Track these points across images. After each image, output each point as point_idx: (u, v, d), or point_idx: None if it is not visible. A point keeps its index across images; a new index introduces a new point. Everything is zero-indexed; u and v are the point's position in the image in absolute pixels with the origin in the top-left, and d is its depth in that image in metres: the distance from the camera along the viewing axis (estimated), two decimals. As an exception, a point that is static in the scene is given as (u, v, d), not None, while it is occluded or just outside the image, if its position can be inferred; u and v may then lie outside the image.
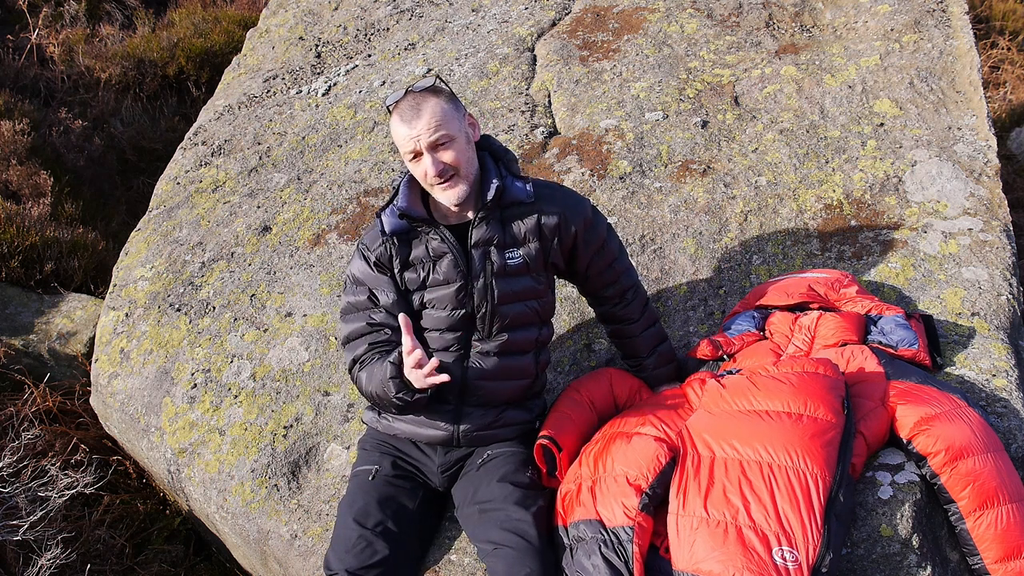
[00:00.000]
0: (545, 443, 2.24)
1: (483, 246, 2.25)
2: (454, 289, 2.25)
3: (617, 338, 2.58)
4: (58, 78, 5.96)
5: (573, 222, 2.31)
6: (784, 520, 1.84)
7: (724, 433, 2.03)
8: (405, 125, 2.14)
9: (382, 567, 2.14)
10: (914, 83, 3.46)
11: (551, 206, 2.29)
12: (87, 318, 3.94)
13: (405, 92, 2.18)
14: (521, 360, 2.35)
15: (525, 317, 2.32)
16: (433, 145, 2.14)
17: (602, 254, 2.40)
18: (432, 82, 2.20)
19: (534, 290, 2.31)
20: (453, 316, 2.27)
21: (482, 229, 2.24)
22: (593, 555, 1.95)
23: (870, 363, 2.31)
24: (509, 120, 3.64)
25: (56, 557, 2.81)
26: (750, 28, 3.96)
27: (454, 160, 2.16)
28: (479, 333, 2.30)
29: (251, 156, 3.85)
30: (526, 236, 2.28)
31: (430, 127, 2.13)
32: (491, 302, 2.26)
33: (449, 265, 2.25)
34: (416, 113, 2.13)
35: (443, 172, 2.15)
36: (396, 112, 2.18)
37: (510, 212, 2.27)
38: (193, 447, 2.79)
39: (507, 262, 2.26)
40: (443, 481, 2.38)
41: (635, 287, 2.51)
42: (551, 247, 2.31)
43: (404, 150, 2.17)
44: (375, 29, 4.57)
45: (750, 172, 3.25)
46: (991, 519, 2.00)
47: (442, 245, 2.25)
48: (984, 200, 3.00)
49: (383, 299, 2.30)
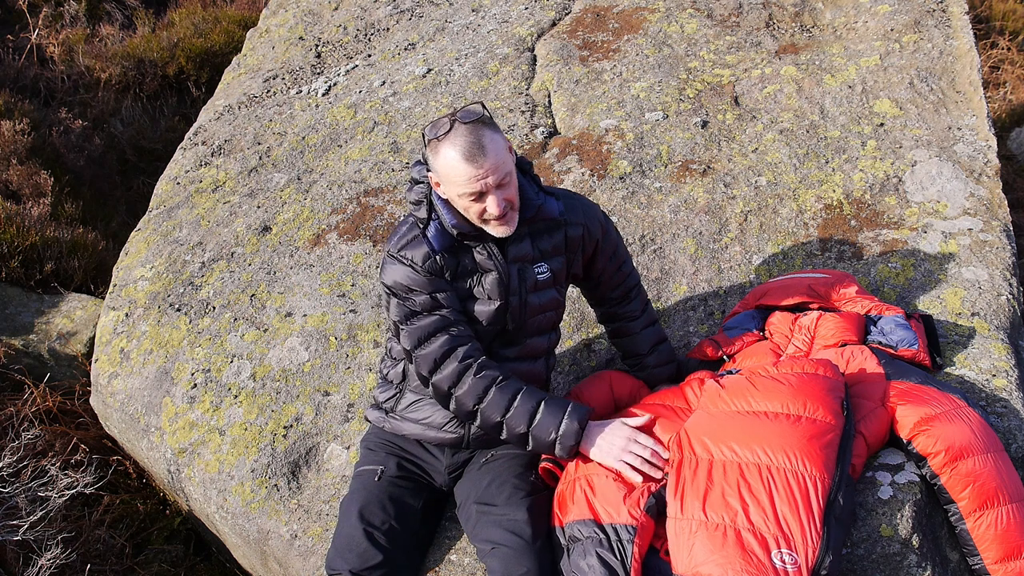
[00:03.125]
0: (549, 467, 2.25)
1: (519, 263, 2.24)
2: (496, 307, 2.23)
3: (618, 336, 2.58)
4: (58, 78, 5.96)
5: (595, 233, 2.34)
6: (783, 523, 1.84)
7: (722, 435, 2.03)
8: (471, 164, 2.01)
9: (385, 567, 2.14)
10: (914, 83, 3.46)
11: (575, 218, 2.30)
12: (87, 318, 3.94)
13: (451, 123, 2.04)
14: (534, 365, 2.37)
15: (544, 325, 2.34)
16: (498, 185, 2.06)
17: (614, 259, 2.44)
18: (481, 112, 2.08)
19: (556, 301, 2.34)
20: (488, 331, 2.26)
21: (518, 245, 2.23)
22: (588, 555, 1.95)
23: (870, 363, 2.31)
24: (509, 120, 3.64)
25: (56, 557, 2.81)
26: (750, 28, 3.96)
27: (514, 197, 2.12)
28: (501, 340, 2.30)
29: (251, 156, 3.85)
30: (552, 250, 2.29)
31: (497, 167, 2.03)
32: (522, 317, 2.27)
33: (494, 282, 2.22)
34: (482, 151, 2.01)
35: (505, 209, 2.10)
36: (452, 147, 2.02)
37: (538, 226, 2.26)
38: (193, 447, 2.79)
39: (537, 277, 2.26)
40: (448, 481, 2.38)
41: (638, 286, 2.55)
42: (575, 259, 2.34)
43: (467, 190, 2.05)
44: (375, 29, 4.57)
45: (750, 172, 3.25)
46: (991, 519, 2.00)
47: (489, 261, 2.21)
48: (984, 200, 3.00)
49: (446, 300, 2.18)
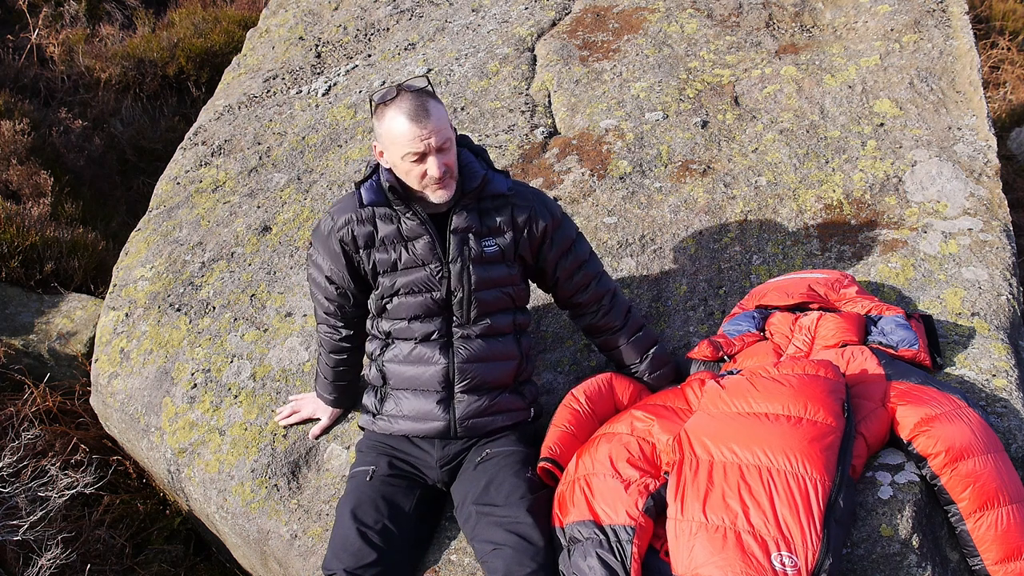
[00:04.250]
0: (548, 467, 2.26)
1: (462, 233, 2.31)
2: (429, 271, 2.30)
3: (606, 350, 2.60)
4: (58, 78, 5.95)
5: (542, 218, 2.39)
6: (783, 525, 1.84)
7: (723, 436, 2.02)
8: (415, 124, 2.14)
9: (380, 566, 2.15)
10: (914, 83, 3.46)
11: (523, 200, 2.39)
12: (87, 318, 3.94)
13: (398, 90, 2.19)
14: (504, 342, 2.40)
15: (501, 302, 2.39)
16: (440, 148, 2.18)
17: (571, 256, 2.45)
18: (426, 83, 2.24)
19: (509, 277, 2.38)
20: (427, 300, 2.32)
21: (462, 216, 2.31)
22: (589, 556, 1.95)
23: (870, 364, 2.31)
24: (509, 120, 3.64)
25: (56, 557, 2.81)
26: (750, 28, 3.96)
27: (452, 164, 2.23)
28: (458, 318, 2.35)
29: (251, 156, 3.85)
30: (501, 226, 2.35)
31: (439, 130, 2.17)
32: (468, 287, 2.31)
33: (425, 246, 2.30)
34: (426, 113, 2.15)
35: (444, 174, 2.20)
36: (398, 109, 2.17)
37: (486, 204, 2.35)
38: (193, 447, 2.79)
39: (484, 250, 2.32)
40: (443, 476, 2.39)
41: (611, 293, 2.53)
42: (521, 238, 2.38)
43: (409, 149, 2.17)
44: (375, 29, 4.57)
45: (750, 172, 3.25)
46: (991, 520, 2.00)
47: (419, 227, 2.30)
48: (984, 200, 3.00)
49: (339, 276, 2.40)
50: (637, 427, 2.23)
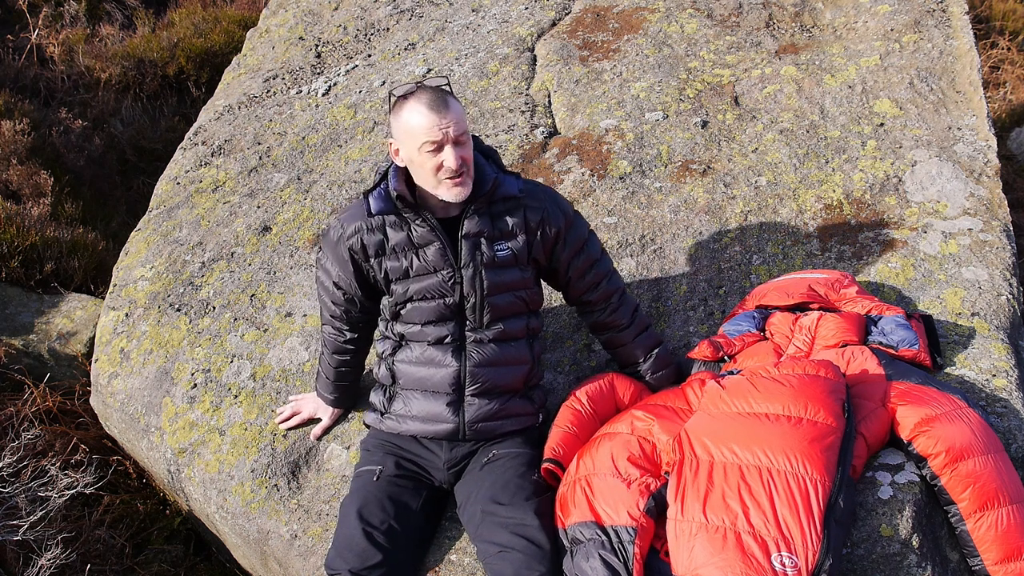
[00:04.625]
0: (551, 468, 2.26)
1: (473, 237, 2.29)
2: (441, 277, 2.29)
3: (611, 347, 2.59)
4: (58, 78, 5.95)
5: (555, 218, 2.37)
6: (783, 526, 1.84)
7: (723, 436, 2.02)
8: (433, 113, 2.14)
9: (385, 567, 2.14)
10: (914, 83, 3.46)
11: (535, 202, 2.36)
12: (87, 318, 3.94)
13: (417, 86, 2.20)
14: (516, 346, 2.39)
15: (515, 306, 2.37)
16: (457, 140, 2.17)
17: (583, 255, 2.44)
18: (445, 82, 2.25)
19: (522, 281, 2.37)
20: (440, 305, 2.30)
21: (474, 221, 2.29)
22: (591, 557, 1.95)
23: (871, 364, 2.31)
24: (509, 120, 3.64)
25: (56, 557, 2.81)
26: (750, 28, 3.96)
27: (469, 158, 2.22)
28: (471, 323, 2.33)
29: (251, 156, 3.85)
30: (513, 229, 2.33)
31: (458, 121, 2.17)
32: (480, 292, 2.30)
33: (437, 253, 2.29)
34: (445, 104, 2.16)
35: (461, 167, 2.18)
36: (417, 101, 2.17)
37: (498, 207, 2.33)
38: (193, 447, 2.79)
39: (496, 254, 2.31)
40: (448, 478, 2.38)
41: (620, 292, 2.53)
42: (535, 241, 2.36)
43: (426, 139, 2.16)
44: (375, 29, 4.57)
45: (750, 172, 3.25)
46: (991, 520, 2.00)
47: (430, 233, 2.28)
48: (984, 200, 3.00)
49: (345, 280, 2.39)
50: (637, 427, 2.23)
